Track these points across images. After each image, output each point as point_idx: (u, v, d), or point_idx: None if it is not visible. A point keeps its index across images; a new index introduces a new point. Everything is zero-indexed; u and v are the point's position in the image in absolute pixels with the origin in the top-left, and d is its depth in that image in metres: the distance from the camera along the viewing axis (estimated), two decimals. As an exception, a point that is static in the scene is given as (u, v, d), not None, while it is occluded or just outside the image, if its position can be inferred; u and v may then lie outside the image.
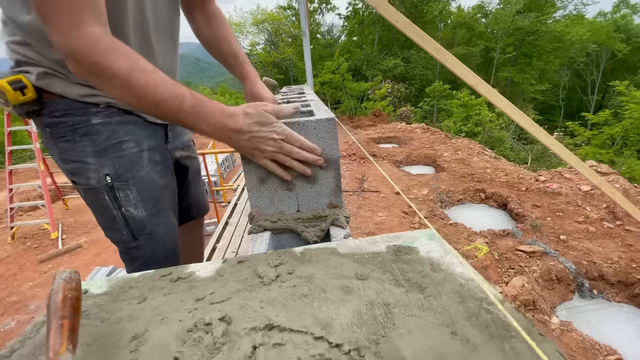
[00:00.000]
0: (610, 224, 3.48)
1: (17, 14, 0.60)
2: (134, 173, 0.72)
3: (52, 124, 0.68)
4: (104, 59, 0.49)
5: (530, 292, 2.57)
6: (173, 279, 0.41)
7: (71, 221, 4.75)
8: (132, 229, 0.74)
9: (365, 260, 0.41)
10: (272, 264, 0.41)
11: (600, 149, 8.15)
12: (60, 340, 0.27)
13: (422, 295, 0.34)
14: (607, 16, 27.54)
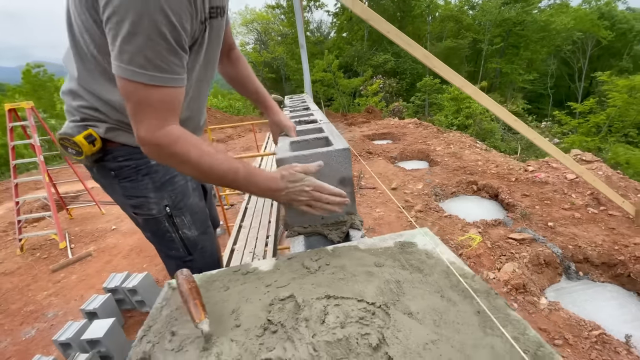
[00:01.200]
0: (594, 209, 3.69)
1: (99, 91, 0.76)
2: (185, 201, 0.90)
3: (117, 168, 0.83)
4: (180, 150, 0.64)
5: (521, 277, 2.76)
6: (243, 272, 0.57)
7: (77, 230, 4.85)
8: (188, 247, 0.91)
9: (380, 253, 0.57)
10: (313, 259, 0.58)
11: (586, 137, 8.43)
12: (198, 312, 0.42)
13: (420, 274, 0.50)
14: (591, 3, 27.93)
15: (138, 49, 0.57)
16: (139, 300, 2.77)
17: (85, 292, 3.29)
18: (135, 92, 0.60)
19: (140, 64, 0.58)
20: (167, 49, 0.60)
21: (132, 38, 0.57)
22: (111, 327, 2.28)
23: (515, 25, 22.78)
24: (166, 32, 0.58)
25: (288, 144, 0.78)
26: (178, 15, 0.59)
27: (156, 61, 0.59)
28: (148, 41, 0.57)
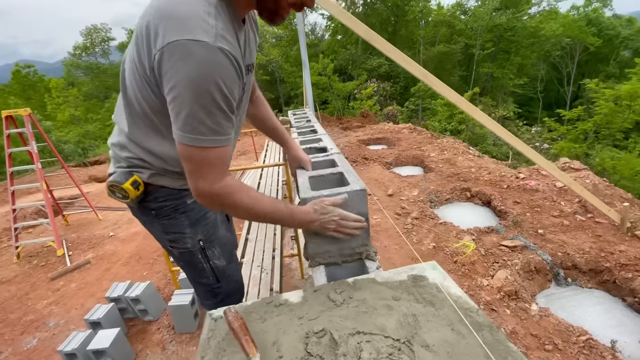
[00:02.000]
0: (582, 217, 3.84)
1: (147, 144, 0.86)
2: (216, 234, 1.01)
3: (158, 208, 0.93)
4: (235, 199, 0.75)
5: (513, 284, 2.88)
6: (276, 304, 0.65)
7: (74, 237, 4.84)
8: (217, 275, 1.01)
9: (396, 287, 0.65)
10: (337, 292, 0.66)
11: (574, 144, 8.69)
12: (251, 347, 0.50)
13: (433, 308, 0.59)
14: (579, 10, 28.64)
15: (198, 121, 0.66)
16: (141, 309, 2.81)
17: (85, 301, 3.30)
18: (196, 154, 0.70)
19: (200, 131, 0.68)
20: (222, 116, 0.69)
21: (192, 111, 0.65)
22: (117, 337, 2.32)
23: (506, 31, 23.26)
24: (221, 103, 0.67)
25: (308, 180, 0.86)
26: (229, 87, 0.68)
27: (214, 127, 0.68)
28: (206, 113, 0.66)
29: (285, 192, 3.41)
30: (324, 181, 0.90)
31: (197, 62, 0.63)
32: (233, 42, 0.70)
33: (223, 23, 0.68)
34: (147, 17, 0.69)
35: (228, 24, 0.71)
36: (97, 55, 25.30)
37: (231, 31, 0.71)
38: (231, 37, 0.70)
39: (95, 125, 22.25)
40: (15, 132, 4.25)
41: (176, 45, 0.62)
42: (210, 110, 0.67)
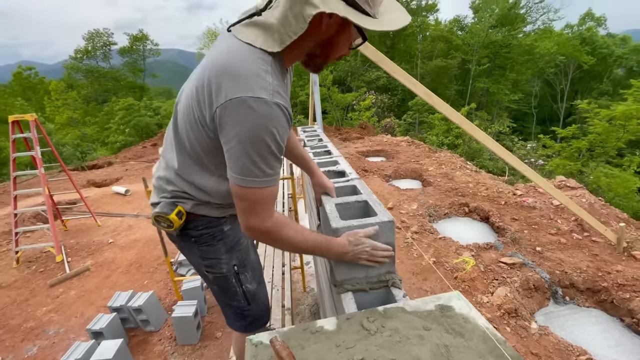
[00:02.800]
0: (579, 235, 3.92)
1: (194, 179, 0.92)
2: (248, 259, 1.07)
3: (198, 235, 1.00)
4: (283, 235, 0.82)
5: (512, 301, 2.93)
6: (312, 331, 0.69)
7: (73, 242, 4.81)
8: (248, 298, 1.06)
9: (425, 317, 0.70)
10: (370, 320, 0.70)
11: (569, 161, 8.88)
12: (300, 375, 0.54)
13: (463, 339, 0.63)
14: (573, 29, 29.44)
15: (255, 166, 0.74)
16: (143, 319, 2.80)
17: (85, 309, 3.28)
18: (250, 194, 0.77)
19: (256, 175, 0.75)
20: (274, 159, 0.76)
21: (250, 158, 0.73)
22: (120, 347, 2.32)
23: (501, 48, 23.81)
24: (274, 149, 0.74)
25: (335, 208, 0.91)
26: (282, 135, 0.74)
27: (267, 170, 0.75)
28: (262, 159, 0.73)
29: (290, 204, 3.45)
30: (349, 209, 0.95)
31: (257, 116, 0.70)
32: (284, 94, 0.77)
33: (277, 79, 0.76)
34: (207, 71, 0.76)
35: (280, 79, 0.78)
36: (98, 59, 25.35)
37: (282, 84, 0.78)
38: (283, 90, 0.77)
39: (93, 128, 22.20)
40: (21, 137, 4.26)
41: (239, 101, 0.70)
42: (265, 157, 0.74)
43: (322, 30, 0.75)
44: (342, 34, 0.78)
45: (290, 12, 0.71)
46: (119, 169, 10.27)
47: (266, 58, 0.76)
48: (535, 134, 23.31)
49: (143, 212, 5.90)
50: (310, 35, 0.75)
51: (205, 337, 2.70)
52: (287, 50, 0.78)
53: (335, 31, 0.77)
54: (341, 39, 0.79)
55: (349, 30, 0.77)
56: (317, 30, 0.75)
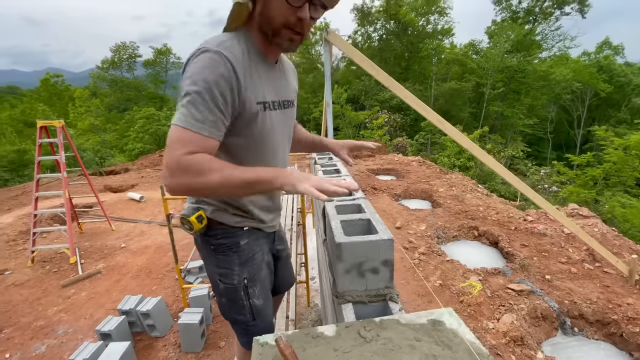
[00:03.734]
0: (590, 265, 3.85)
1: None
2: (259, 275, 1.14)
3: (216, 244, 1.08)
4: (207, 165, 0.82)
5: (519, 329, 2.88)
6: (313, 336, 0.76)
7: (87, 245, 4.96)
8: (254, 313, 1.12)
9: (417, 329, 0.76)
10: (367, 329, 0.76)
11: (583, 189, 8.72)
12: (300, 371, 0.61)
13: (450, 351, 0.69)
14: (590, 56, 29.37)
15: (181, 103, 0.84)
16: (150, 324, 2.86)
17: (95, 311, 3.37)
18: (171, 132, 0.82)
19: (181, 112, 0.83)
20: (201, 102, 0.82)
21: (180, 97, 0.84)
22: (126, 351, 2.38)
23: (516, 73, 23.88)
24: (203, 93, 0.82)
25: (340, 224, 0.98)
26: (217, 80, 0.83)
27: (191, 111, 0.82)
28: (186, 99, 0.83)
29: (299, 219, 3.52)
30: (353, 226, 1.02)
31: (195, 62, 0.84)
32: (235, 52, 0.87)
33: (234, 47, 0.88)
34: None
35: (242, 51, 0.89)
36: (122, 69, 26.55)
37: (246, 60, 0.90)
38: (235, 50, 0.87)
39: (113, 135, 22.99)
40: (47, 142, 4.50)
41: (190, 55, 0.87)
42: (191, 99, 0.82)
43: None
44: None
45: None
46: (135, 175, 10.59)
47: (226, 34, 0.90)
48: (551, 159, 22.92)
49: (156, 218, 6.05)
50: (255, 8, 0.88)
51: (209, 346, 2.74)
52: (250, 28, 0.92)
53: None
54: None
55: None
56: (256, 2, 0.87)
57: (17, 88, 47.18)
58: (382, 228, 0.94)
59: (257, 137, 0.98)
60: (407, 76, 26.32)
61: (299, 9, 0.83)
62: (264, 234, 1.18)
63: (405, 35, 24.74)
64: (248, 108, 0.91)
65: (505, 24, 24.54)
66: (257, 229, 1.14)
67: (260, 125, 0.97)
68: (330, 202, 1.17)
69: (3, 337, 3.07)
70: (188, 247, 4.58)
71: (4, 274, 4.20)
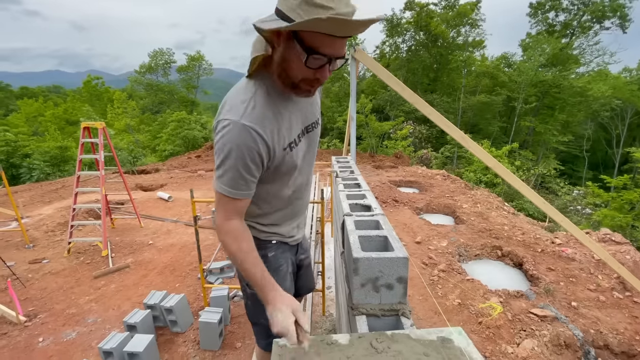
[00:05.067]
0: (619, 294, 3.65)
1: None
2: (284, 285, 1.23)
3: None
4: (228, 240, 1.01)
5: (540, 356, 2.78)
6: (328, 342, 0.82)
7: (117, 240, 5.26)
8: None
9: (427, 345, 0.80)
10: (378, 341, 0.81)
11: (619, 213, 8.22)
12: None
13: (457, 368, 0.73)
14: (632, 72, 27.82)
15: (217, 171, 0.97)
16: (172, 320, 3.01)
17: (122, 303, 3.57)
18: (216, 193, 1.00)
19: (217, 178, 0.98)
20: (233, 172, 0.94)
21: (216, 164, 0.97)
22: (150, 343, 2.52)
23: (551, 87, 22.99)
24: (235, 164, 0.93)
25: (357, 239, 1.04)
26: (247, 153, 0.93)
27: (223, 179, 0.95)
28: (222, 168, 0.95)
29: (318, 227, 3.59)
30: (371, 241, 1.08)
31: (223, 135, 0.92)
32: (263, 119, 0.94)
33: (260, 105, 0.94)
34: None
35: (267, 102, 0.95)
36: (158, 74, 27.98)
37: (269, 108, 0.96)
38: (261, 115, 0.94)
39: (146, 136, 24.20)
40: (89, 142, 4.85)
41: (217, 122, 0.95)
42: (226, 168, 0.94)
43: (277, 48, 0.89)
44: (289, 51, 0.85)
45: (257, 39, 0.92)
46: (164, 175, 11.08)
47: (249, 87, 0.96)
48: (586, 179, 21.76)
49: (182, 218, 6.32)
50: (273, 55, 0.91)
51: (226, 346, 2.84)
52: (270, 69, 0.96)
53: (284, 47, 0.86)
54: (290, 56, 0.85)
55: (293, 46, 0.83)
56: (275, 50, 0.90)
57: (61, 88, 50.89)
58: (398, 246, 0.99)
59: (285, 171, 1.07)
60: (435, 87, 25.99)
61: (318, 70, 0.87)
62: (289, 247, 1.26)
63: (434, 46, 24.50)
64: (279, 156, 1.01)
65: (540, 37, 23.76)
66: (283, 243, 1.23)
67: (288, 163, 1.05)
68: (349, 217, 1.23)
69: (38, 322, 3.31)
70: (211, 248, 4.76)
71: (41, 262, 4.53)
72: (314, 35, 0.79)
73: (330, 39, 0.80)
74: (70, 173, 12.48)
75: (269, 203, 1.13)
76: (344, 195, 1.58)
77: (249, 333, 2.98)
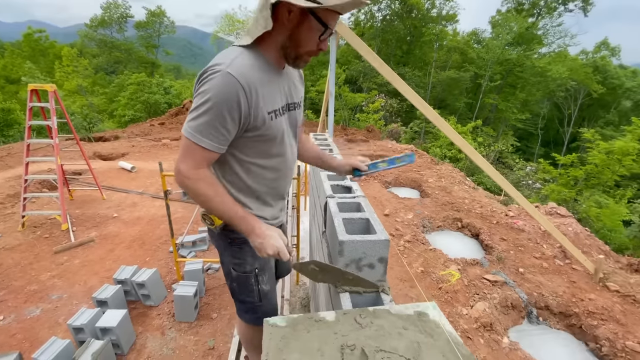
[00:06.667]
0: (560, 261, 4.13)
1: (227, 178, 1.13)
2: (268, 265, 1.28)
3: (233, 238, 1.20)
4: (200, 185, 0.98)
5: (490, 316, 3.13)
6: (316, 320, 0.88)
7: (78, 213, 4.98)
8: (261, 296, 1.27)
9: (405, 319, 0.88)
10: (362, 316, 0.88)
11: (564, 188, 9.11)
12: (307, 350, 0.72)
13: (432, 339, 0.82)
14: (588, 55, 29.50)
15: (190, 115, 0.94)
16: (145, 294, 2.99)
17: (88, 278, 3.47)
18: (183, 139, 0.96)
19: (189, 124, 0.94)
20: (209, 119, 0.92)
21: (192, 108, 0.94)
22: (123, 317, 2.51)
23: (515, 66, 23.89)
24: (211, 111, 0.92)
25: (342, 222, 1.09)
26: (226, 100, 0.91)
27: (199, 126, 0.93)
28: (196, 113, 0.92)
29: (294, 203, 3.63)
30: (353, 224, 1.13)
31: (207, 80, 0.91)
32: (249, 72, 0.93)
33: (247, 62, 0.94)
34: None
35: (254, 65, 0.96)
36: (112, 29, 25.32)
37: (255, 70, 0.96)
38: (249, 70, 0.94)
39: (101, 98, 22.25)
40: (39, 106, 4.41)
41: (202, 71, 0.94)
42: (200, 114, 0.92)
43: (286, 24, 0.92)
44: (303, 25, 0.92)
45: (260, 14, 0.92)
46: (125, 144, 10.42)
47: (238, 49, 0.96)
48: (539, 155, 23.54)
49: (147, 190, 6.07)
50: (279, 30, 0.94)
51: (201, 317, 2.89)
52: (263, 44, 0.98)
53: (297, 23, 0.92)
54: (304, 30, 0.93)
55: (308, 22, 0.91)
56: (282, 25, 0.93)
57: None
58: (379, 228, 1.05)
59: (268, 140, 1.07)
60: (408, 60, 26.00)
61: (322, 42, 0.96)
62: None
63: (409, 17, 24.20)
64: (260, 119, 1.00)
65: (509, 14, 24.25)
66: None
67: (271, 130, 1.04)
68: (332, 199, 1.27)
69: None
70: (181, 221, 4.67)
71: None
72: (328, 13, 0.90)
73: (337, 14, 0.92)
74: (15, 139, 11.30)
75: (257, 176, 1.13)
76: (324, 175, 1.60)
77: (224, 304, 3.05)
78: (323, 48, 0.97)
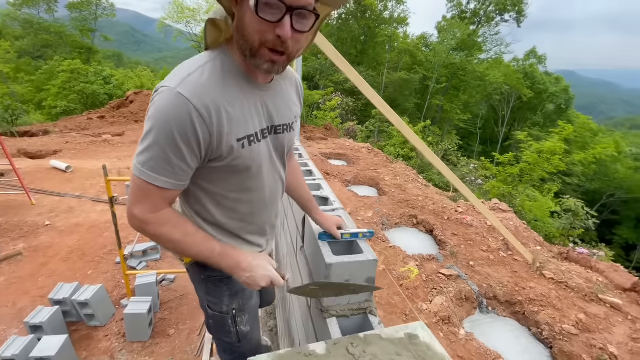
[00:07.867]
0: (504, 253, 4.52)
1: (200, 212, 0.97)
2: (249, 304, 1.14)
3: (207, 275, 1.06)
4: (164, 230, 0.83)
5: (447, 309, 3.32)
6: (305, 354, 0.82)
7: (1, 221, 4.32)
8: (240, 338, 1.15)
9: (397, 343, 0.86)
10: (354, 345, 0.84)
11: (503, 184, 10.10)
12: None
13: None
14: (519, 62, 32.75)
15: (139, 150, 0.75)
16: (89, 314, 2.67)
17: (17, 299, 3.02)
18: (134, 179, 0.78)
19: (138, 161, 0.76)
20: (158, 153, 0.74)
21: (140, 143, 0.76)
22: (64, 344, 2.22)
23: (459, 70, 25.76)
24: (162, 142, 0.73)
25: (327, 243, 1.04)
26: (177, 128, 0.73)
27: (147, 162, 0.75)
28: (145, 147, 0.74)
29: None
30: (338, 243, 1.08)
31: (155, 105, 0.73)
32: (207, 90, 0.75)
33: (208, 77, 0.76)
34: None
35: (218, 80, 0.77)
36: (40, 9, 22.32)
37: (221, 85, 0.78)
38: (206, 87, 0.75)
39: (26, 87, 19.56)
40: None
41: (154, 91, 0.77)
42: (149, 147, 0.74)
43: (236, 16, 0.75)
44: (243, 7, 0.71)
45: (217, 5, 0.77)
46: (57, 140, 9.27)
47: (205, 58, 0.79)
48: (478, 153, 25.75)
49: (86, 193, 5.46)
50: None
51: (157, 334, 2.66)
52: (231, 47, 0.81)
53: (240, 8, 0.73)
54: (244, 11, 0.72)
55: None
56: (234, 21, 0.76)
57: None
58: (366, 247, 1.02)
59: (238, 172, 0.88)
60: (362, 60, 26.65)
61: (277, 25, 0.69)
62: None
63: (363, 17, 24.79)
64: (226, 147, 0.81)
65: (453, 21, 26.01)
66: None
67: (241, 160, 0.85)
68: None
69: None
70: (128, 227, 4.26)
71: None
72: None
73: None
74: None
75: (229, 210, 0.96)
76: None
77: (182, 317, 2.84)
78: (281, 34, 0.69)
